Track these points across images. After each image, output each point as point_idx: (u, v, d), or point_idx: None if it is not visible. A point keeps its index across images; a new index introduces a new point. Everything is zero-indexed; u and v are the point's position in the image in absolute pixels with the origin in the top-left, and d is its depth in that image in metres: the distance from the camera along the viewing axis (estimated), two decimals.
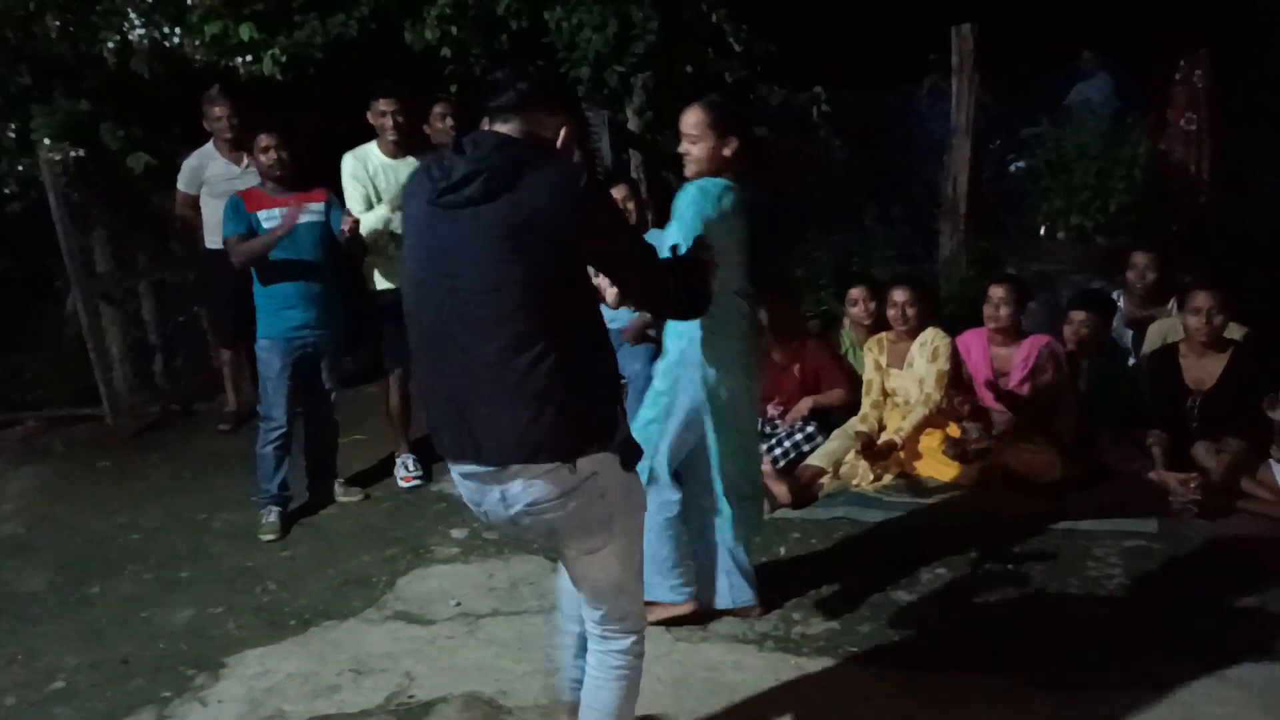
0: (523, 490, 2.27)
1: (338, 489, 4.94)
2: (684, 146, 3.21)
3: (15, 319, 7.37)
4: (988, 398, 4.59)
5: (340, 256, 4.65)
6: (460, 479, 2.37)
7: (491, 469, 2.27)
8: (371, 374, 5.72)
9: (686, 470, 3.40)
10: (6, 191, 6.38)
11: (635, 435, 2.43)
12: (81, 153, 6.11)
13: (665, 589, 3.41)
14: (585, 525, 2.33)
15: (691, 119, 3.18)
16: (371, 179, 4.72)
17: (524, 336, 2.21)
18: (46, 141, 6.02)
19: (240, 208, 4.53)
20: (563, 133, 2.38)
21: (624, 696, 2.53)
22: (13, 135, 6.16)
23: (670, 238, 2.98)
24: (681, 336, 3.26)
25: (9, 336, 7.32)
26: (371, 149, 4.77)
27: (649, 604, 3.19)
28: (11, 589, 4.37)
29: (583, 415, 2.28)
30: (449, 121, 5.21)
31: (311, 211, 4.55)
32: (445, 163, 2.27)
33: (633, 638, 2.51)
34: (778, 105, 5.97)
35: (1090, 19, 8.85)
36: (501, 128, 2.31)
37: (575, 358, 2.27)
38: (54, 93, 6.13)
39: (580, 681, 2.60)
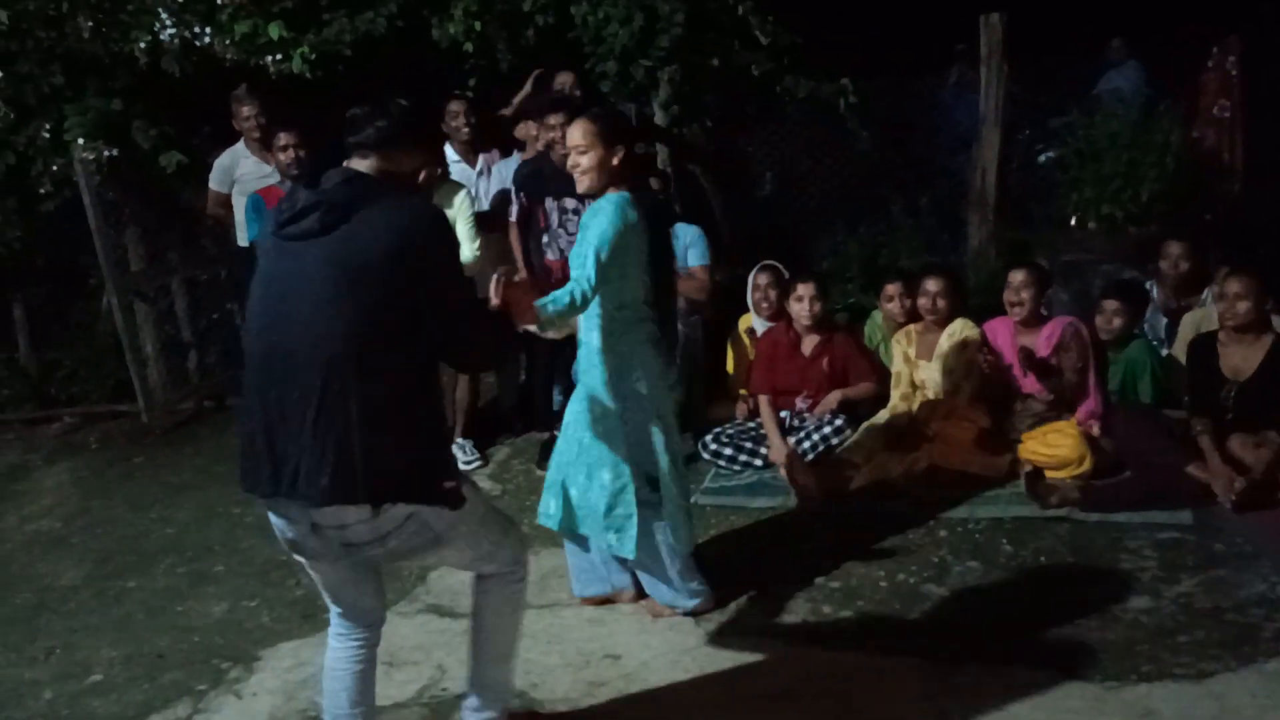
0: (335, 531, 2.26)
1: None
2: (573, 159, 3.26)
3: (51, 316, 7.48)
4: (1025, 385, 4.56)
5: None
6: (271, 514, 2.37)
7: (301, 506, 2.24)
8: None
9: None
10: (41, 191, 6.47)
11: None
12: (114, 152, 6.18)
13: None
14: (411, 552, 2.37)
15: (579, 131, 3.23)
16: None
17: (345, 376, 2.17)
18: (80, 141, 6.09)
19: (261, 207, 4.57)
20: (423, 174, 2.41)
21: (516, 618, 2.75)
22: (47, 135, 6.24)
23: (589, 248, 3.09)
24: (595, 366, 3.32)
25: (45, 333, 7.43)
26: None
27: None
28: (48, 583, 4.44)
29: (401, 462, 2.24)
30: (465, 120, 5.21)
31: None
32: (296, 195, 2.29)
33: (514, 570, 2.67)
34: (805, 97, 5.94)
35: (1118, 6, 8.75)
36: (358, 164, 2.32)
37: (398, 402, 2.23)
38: (86, 92, 6.20)
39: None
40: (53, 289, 7.50)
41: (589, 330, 3.33)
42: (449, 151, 5.07)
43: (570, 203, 4.85)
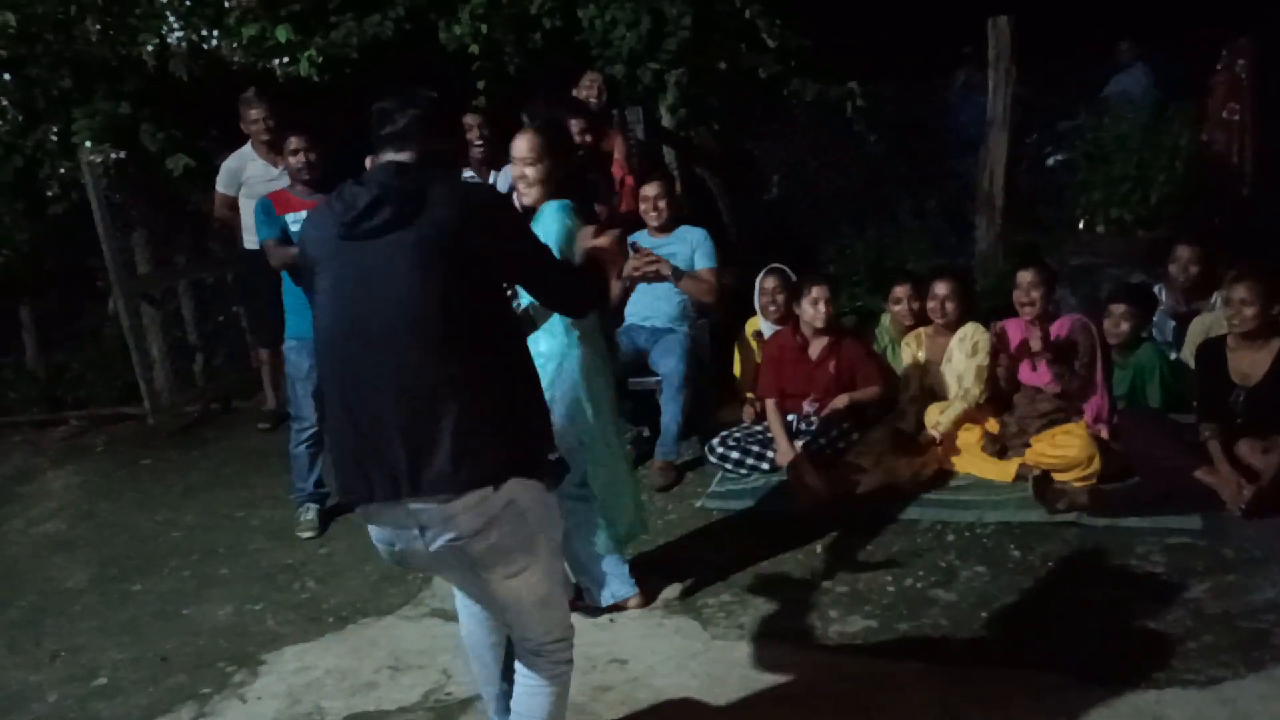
0: (443, 525, 2.20)
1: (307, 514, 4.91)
2: (518, 170, 3.30)
3: (58, 319, 7.50)
4: (1028, 377, 4.55)
5: None
6: (373, 522, 2.31)
7: (412, 505, 2.19)
8: None
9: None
10: (49, 194, 6.48)
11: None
12: (122, 154, 6.19)
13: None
14: (508, 551, 2.27)
15: (526, 144, 3.28)
16: None
17: (446, 362, 2.17)
18: (88, 144, 6.10)
19: (270, 210, 4.58)
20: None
21: (558, 704, 2.51)
22: (55, 138, 6.25)
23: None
24: (556, 354, 3.37)
25: (52, 336, 7.45)
26: None
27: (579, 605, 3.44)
28: (55, 585, 4.44)
29: (507, 440, 2.23)
30: (479, 133, 5.20)
31: None
32: (348, 196, 2.25)
33: (565, 644, 2.50)
34: (812, 100, 5.93)
35: (1126, 9, 8.73)
36: (397, 156, 2.29)
37: (498, 381, 2.25)
38: (95, 95, 6.22)
39: (507, 696, 2.61)
40: (60, 292, 7.52)
41: (539, 336, 3.27)
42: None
43: None
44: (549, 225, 3.19)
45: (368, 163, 2.52)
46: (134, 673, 3.63)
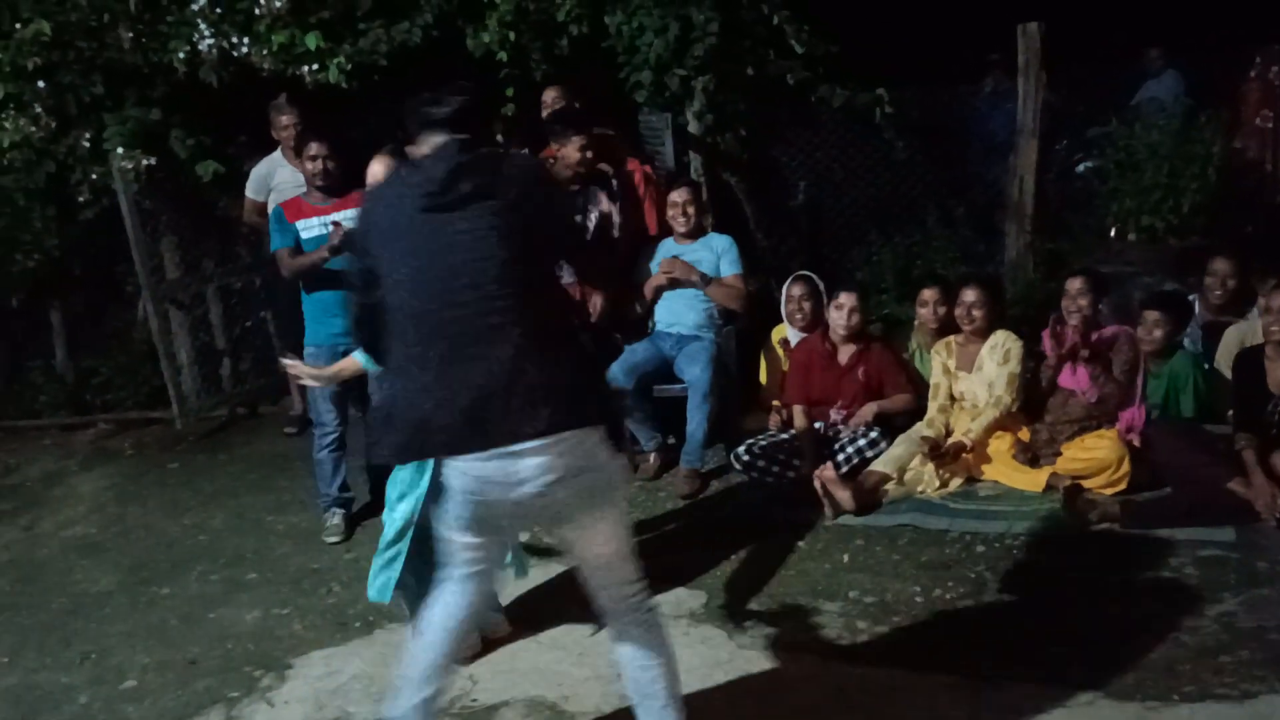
0: (540, 466, 2.34)
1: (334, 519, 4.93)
2: None
3: (87, 324, 7.57)
4: (1066, 380, 4.52)
5: None
6: (469, 472, 2.38)
7: (514, 449, 2.32)
8: None
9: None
10: (80, 199, 6.54)
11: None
12: (152, 161, 6.23)
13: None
14: (593, 496, 2.44)
15: (386, 171, 3.21)
16: None
17: (534, 320, 2.39)
18: (119, 150, 6.15)
19: (283, 219, 4.60)
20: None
21: (673, 659, 2.67)
22: (87, 144, 6.31)
23: None
24: None
25: (81, 341, 7.52)
26: None
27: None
28: (84, 588, 4.47)
29: (584, 390, 2.44)
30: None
31: (348, 217, 4.60)
32: (424, 171, 2.42)
33: (644, 587, 2.64)
34: (840, 106, 5.90)
35: (1157, 16, 8.65)
36: (454, 136, 2.45)
37: (570, 338, 2.51)
38: (126, 102, 6.27)
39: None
40: (90, 296, 7.59)
41: None
42: None
43: None
44: None
45: (413, 150, 2.59)
46: (162, 676, 3.65)
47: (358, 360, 3.31)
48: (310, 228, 4.59)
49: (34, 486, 5.96)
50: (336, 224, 4.45)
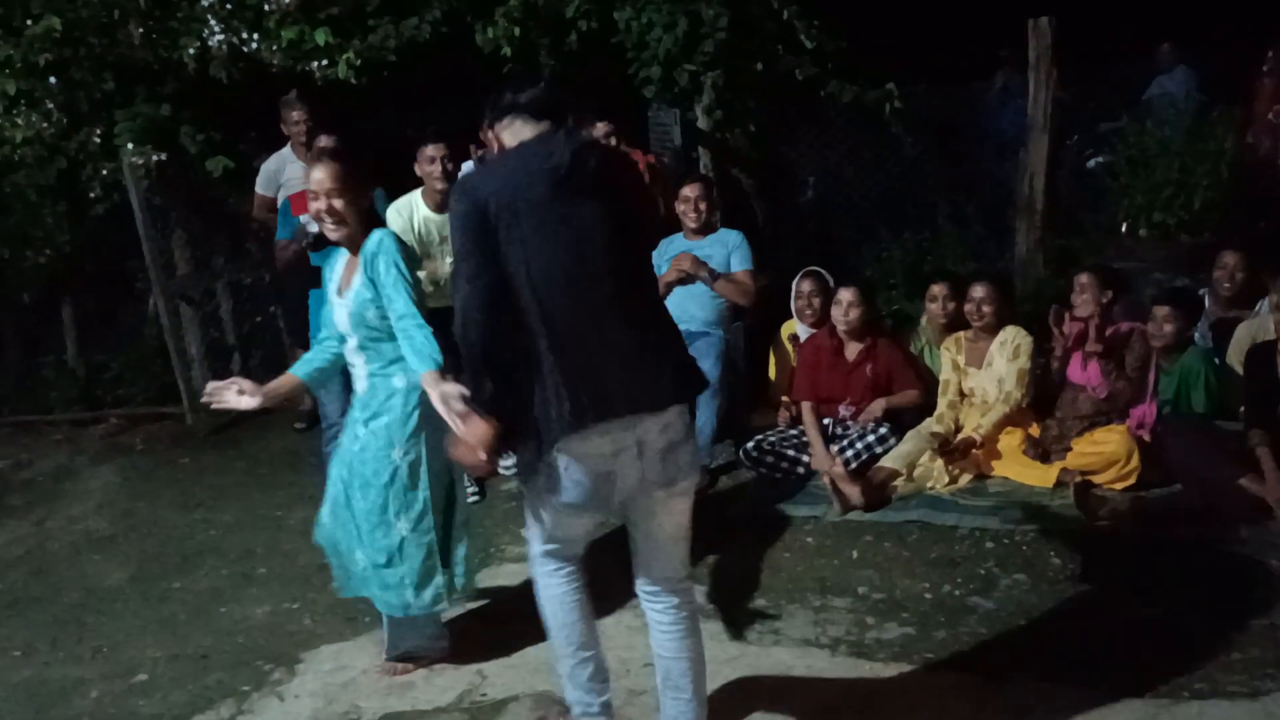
0: (660, 432, 2.51)
1: None
2: (322, 204, 3.06)
3: (98, 319, 7.59)
4: (1076, 375, 4.52)
5: None
6: (603, 439, 2.46)
7: (642, 416, 2.48)
8: None
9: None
10: (91, 195, 6.57)
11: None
12: (163, 157, 6.26)
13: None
14: (686, 465, 2.60)
15: (328, 174, 3.06)
16: (417, 234, 4.67)
17: (650, 296, 2.64)
18: (129, 146, 6.18)
19: (288, 212, 4.62)
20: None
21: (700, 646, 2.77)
22: (97, 140, 6.34)
23: (400, 290, 3.00)
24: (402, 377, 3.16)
25: (92, 336, 7.54)
26: (416, 201, 4.71)
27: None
28: (95, 583, 4.49)
29: (689, 367, 2.64)
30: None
31: None
32: (542, 156, 2.46)
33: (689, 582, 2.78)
34: (849, 102, 5.89)
35: (1168, 10, 8.62)
36: (539, 123, 2.54)
37: (667, 314, 2.67)
38: (136, 98, 6.29)
39: None
40: (101, 292, 7.61)
41: (388, 371, 3.16)
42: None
43: None
44: (388, 258, 3.02)
45: (490, 135, 2.68)
46: (173, 670, 3.66)
47: (295, 376, 3.31)
48: (312, 222, 4.61)
49: (45, 481, 5.99)
50: (302, 225, 4.47)
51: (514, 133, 2.54)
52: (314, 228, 2.86)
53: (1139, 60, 8.36)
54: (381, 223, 3.23)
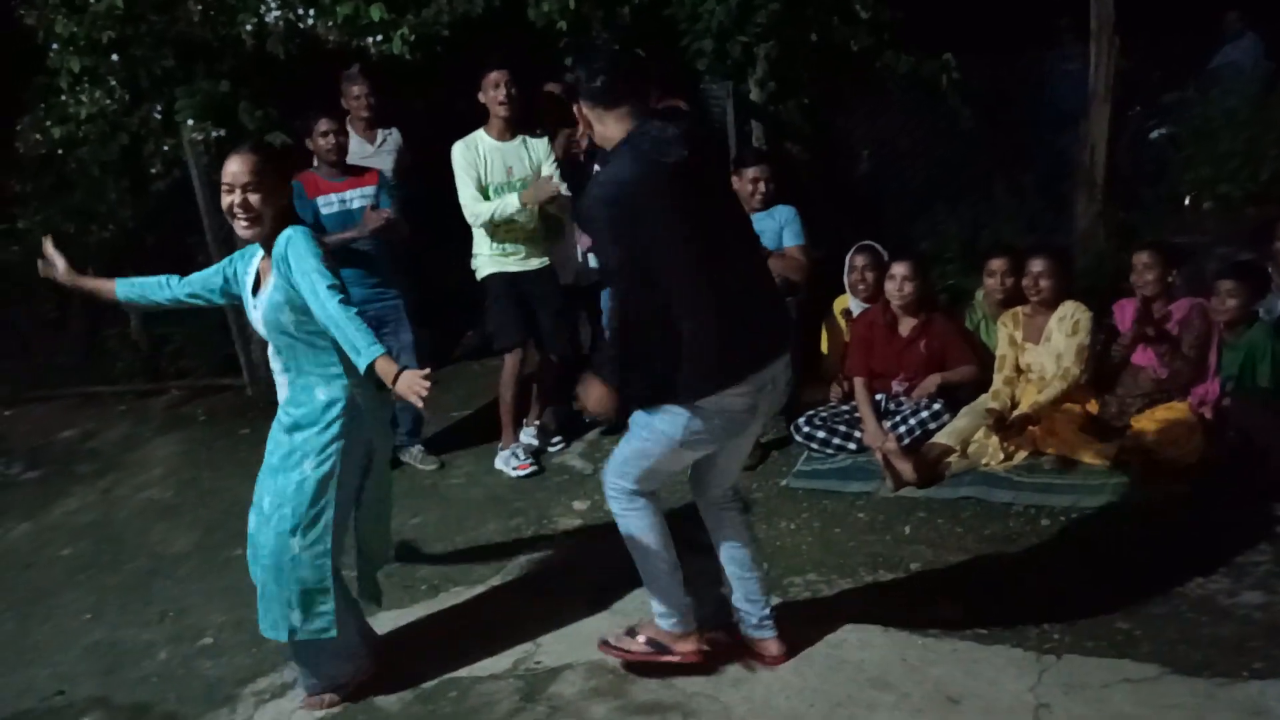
0: (784, 371, 2.96)
1: (416, 453, 5.13)
2: (237, 197, 2.92)
3: None
4: (1136, 356, 4.46)
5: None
6: (749, 386, 2.83)
7: (777, 360, 2.91)
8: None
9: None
10: (152, 171, 6.69)
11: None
12: (222, 132, 6.35)
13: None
14: (786, 388, 3.06)
15: (243, 166, 2.91)
16: (482, 164, 4.81)
17: (757, 251, 3.08)
18: (189, 122, 6.28)
19: (303, 194, 4.69)
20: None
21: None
22: (158, 116, 6.44)
23: (322, 282, 2.85)
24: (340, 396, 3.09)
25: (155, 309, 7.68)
26: (480, 135, 4.85)
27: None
28: (161, 549, 4.62)
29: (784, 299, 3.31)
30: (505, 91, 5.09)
31: (364, 195, 4.81)
32: (664, 141, 2.71)
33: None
34: (905, 73, 5.81)
35: None
36: (639, 108, 2.81)
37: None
38: (196, 74, 6.38)
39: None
40: (162, 266, 7.72)
41: (307, 382, 3.09)
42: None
43: None
44: (297, 253, 2.88)
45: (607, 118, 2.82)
46: (237, 634, 3.76)
47: (113, 283, 3.46)
48: (330, 204, 4.77)
49: (112, 451, 6.15)
50: (374, 206, 4.73)
51: (615, 120, 2.77)
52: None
53: (1205, 29, 8.13)
54: (298, 220, 3.06)
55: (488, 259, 4.90)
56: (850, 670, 3.10)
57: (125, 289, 3.39)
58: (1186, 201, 5.60)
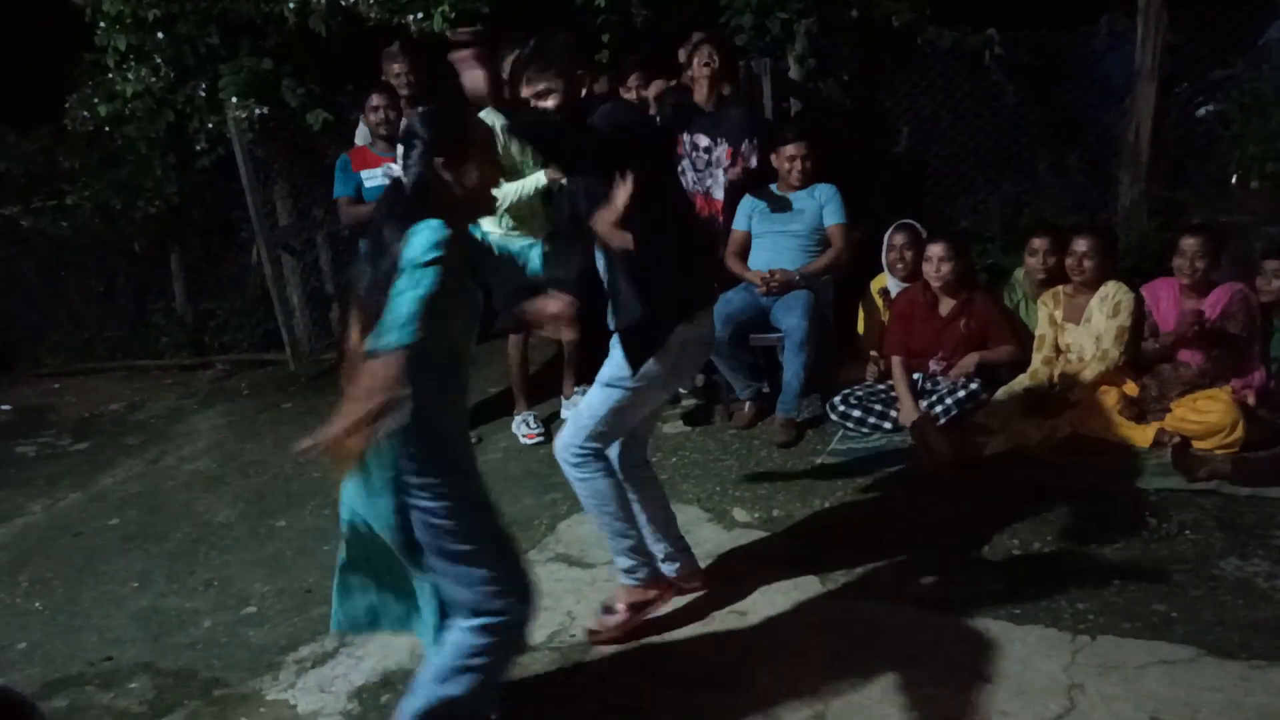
0: (710, 326, 3.27)
1: None
2: None
3: (205, 268, 7.87)
4: (1183, 355, 4.40)
5: None
6: (694, 327, 3.11)
7: (709, 309, 3.25)
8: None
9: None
10: (198, 148, 6.78)
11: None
12: (265, 110, 6.42)
13: None
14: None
15: None
16: (499, 143, 4.77)
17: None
18: (233, 99, 6.35)
19: (348, 168, 4.73)
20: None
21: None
22: (203, 93, 6.53)
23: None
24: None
25: (200, 285, 7.82)
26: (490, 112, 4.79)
27: None
28: (206, 519, 4.71)
29: None
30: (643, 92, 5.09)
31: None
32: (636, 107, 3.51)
33: None
34: (948, 49, 5.74)
35: None
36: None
37: None
38: (240, 52, 6.46)
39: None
40: (207, 242, 7.88)
41: None
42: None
43: (702, 140, 4.90)
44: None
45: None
46: (280, 603, 3.84)
47: None
48: (374, 177, 4.79)
49: (158, 423, 6.27)
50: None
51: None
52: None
53: (1255, 3, 7.95)
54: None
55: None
56: (881, 647, 3.11)
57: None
58: (1234, 180, 5.49)
